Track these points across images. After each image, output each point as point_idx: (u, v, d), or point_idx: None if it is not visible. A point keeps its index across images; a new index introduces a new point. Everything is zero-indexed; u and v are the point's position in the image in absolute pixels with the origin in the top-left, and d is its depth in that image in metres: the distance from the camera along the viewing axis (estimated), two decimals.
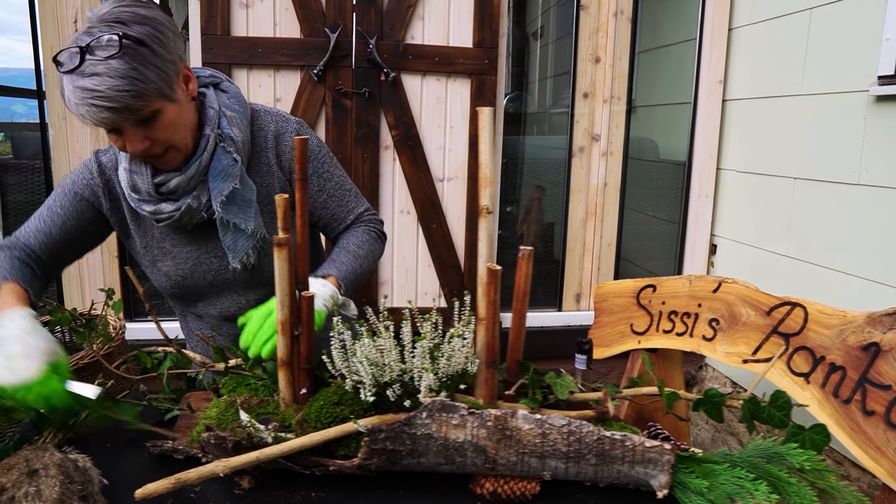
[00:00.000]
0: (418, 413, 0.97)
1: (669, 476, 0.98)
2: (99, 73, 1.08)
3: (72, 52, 1.09)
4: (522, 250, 1.02)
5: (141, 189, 1.29)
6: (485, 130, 1.04)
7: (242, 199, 1.33)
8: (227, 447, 1.01)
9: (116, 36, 1.09)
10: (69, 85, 1.10)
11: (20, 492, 0.95)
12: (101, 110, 1.10)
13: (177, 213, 1.30)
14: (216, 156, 1.30)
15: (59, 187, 1.37)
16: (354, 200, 1.50)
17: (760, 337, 1.89)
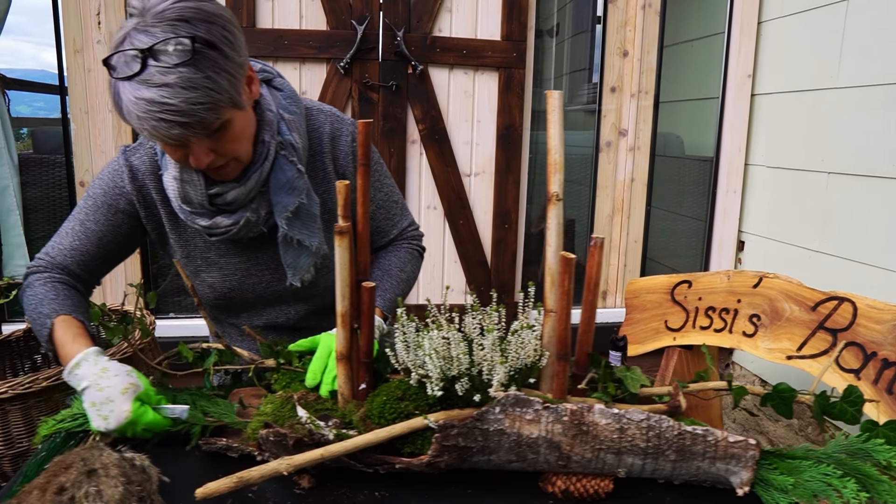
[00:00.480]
0: (491, 408, 0.93)
1: (752, 473, 0.94)
2: (170, 83, 0.95)
3: (129, 56, 0.97)
4: (594, 239, 0.98)
5: (193, 201, 1.16)
6: (554, 115, 1.00)
7: (307, 213, 1.22)
8: (288, 444, 0.97)
9: (188, 39, 0.96)
10: (129, 94, 0.97)
11: (80, 492, 0.91)
12: (172, 126, 0.98)
13: (234, 228, 1.19)
14: (278, 166, 1.18)
15: (88, 199, 1.24)
16: (400, 213, 1.42)
17: (805, 332, 1.85)
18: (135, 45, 0.96)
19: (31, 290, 1.19)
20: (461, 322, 1.02)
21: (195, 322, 2.81)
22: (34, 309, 1.16)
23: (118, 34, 0.99)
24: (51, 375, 1.73)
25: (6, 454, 1.77)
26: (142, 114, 0.97)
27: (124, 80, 0.97)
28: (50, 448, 1.13)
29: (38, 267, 1.23)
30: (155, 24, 0.97)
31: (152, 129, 0.99)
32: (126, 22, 1.00)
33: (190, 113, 0.98)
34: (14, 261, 2.62)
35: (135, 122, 0.99)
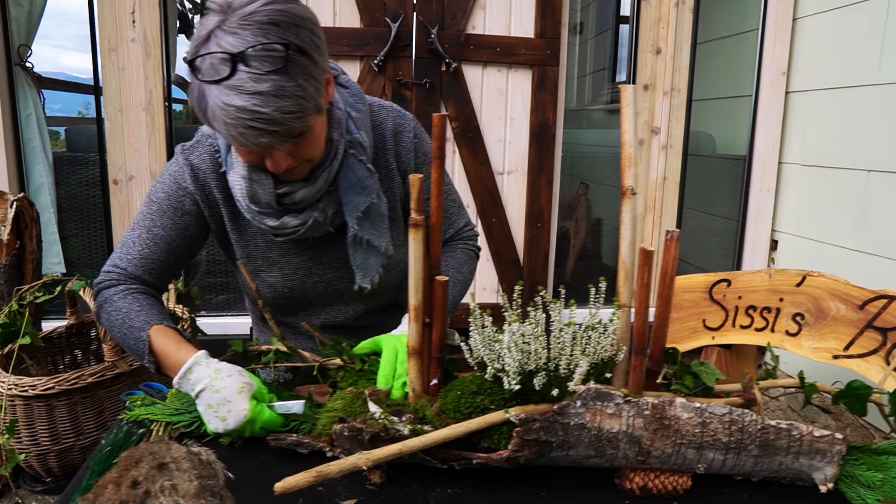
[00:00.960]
0: (572, 402, 0.91)
1: (838, 468, 0.92)
2: (262, 91, 0.92)
3: (217, 59, 0.93)
4: (670, 233, 0.96)
5: (262, 200, 1.13)
6: (627, 108, 0.99)
7: (377, 214, 1.20)
8: (363, 439, 0.95)
9: (281, 46, 0.93)
10: (216, 99, 0.94)
11: (155, 486, 0.90)
12: (261, 134, 0.95)
13: (302, 228, 1.16)
14: (347, 165, 1.16)
15: (151, 204, 1.20)
16: (457, 213, 1.40)
17: (853, 332, 1.83)
18: (223, 48, 0.93)
19: (111, 305, 1.16)
20: (535, 316, 1.01)
21: (227, 320, 2.81)
22: (122, 324, 1.13)
23: (200, 31, 0.96)
24: (96, 372, 1.74)
25: (52, 450, 1.77)
26: (230, 120, 0.94)
27: (212, 83, 0.94)
28: (114, 443, 1.13)
29: (109, 280, 1.19)
30: (244, 27, 0.93)
31: (239, 136, 0.96)
32: (206, 19, 0.96)
33: (280, 122, 0.95)
34: (48, 258, 2.63)
35: (220, 126, 0.97)
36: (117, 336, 1.16)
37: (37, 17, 2.60)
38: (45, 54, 3.02)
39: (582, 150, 3.17)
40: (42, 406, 1.73)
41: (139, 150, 2.61)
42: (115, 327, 1.15)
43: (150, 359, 1.11)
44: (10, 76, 2.54)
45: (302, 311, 1.36)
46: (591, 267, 3.07)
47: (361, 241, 1.21)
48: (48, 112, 2.73)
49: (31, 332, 1.73)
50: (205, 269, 2.90)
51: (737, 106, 3.02)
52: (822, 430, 0.92)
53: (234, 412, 1.01)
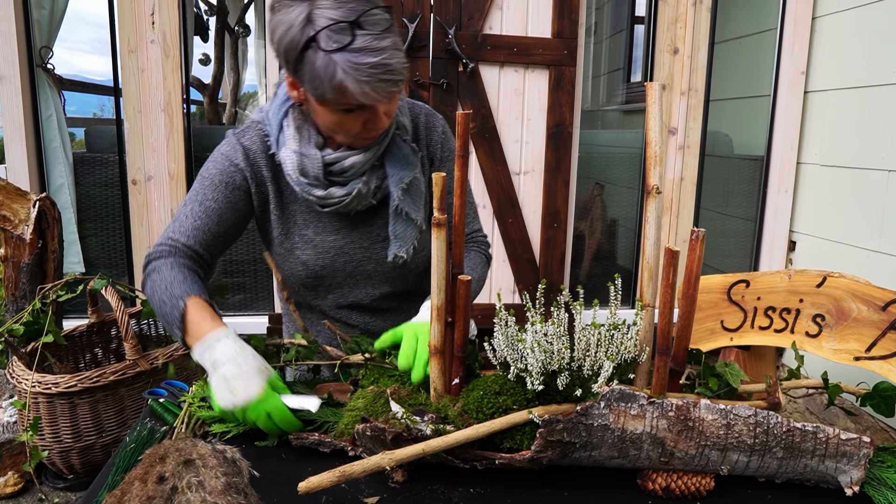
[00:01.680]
0: (596, 402, 0.91)
1: (864, 472, 0.92)
2: (385, 47, 1.06)
3: (333, 31, 1.04)
4: (695, 232, 0.96)
5: (310, 173, 1.24)
6: (654, 107, 0.99)
7: (416, 189, 1.31)
8: (385, 439, 0.96)
9: (384, 10, 1.08)
10: (345, 63, 1.05)
11: (182, 482, 0.91)
12: (390, 84, 1.09)
13: (346, 199, 1.25)
14: (394, 143, 1.28)
15: (204, 180, 1.28)
16: (472, 217, 1.47)
17: (875, 333, 1.81)
18: (336, 20, 1.04)
19: (159, 273, 1.21)
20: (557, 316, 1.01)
21: (243, 320, 2.83)
22: (164, 290, 1.18)
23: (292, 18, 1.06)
24: (117, 370, 1.75)
25: (74, 447, 1.79)
26: (364, 78, 1.06)
27: (338, 51, 1.05)
28: (137, 440, 1.14)
29: (161, 252, 1.25)
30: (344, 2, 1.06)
31: (373, 91, 1.08)
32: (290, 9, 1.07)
33: (402, 72, 1.10)
34: (68, 258, 2.66)
35: (353, 86, 1.06)
36: (155, 302, 1.19)
37: (58, 19, 2.63)
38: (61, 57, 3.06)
39: (597, 151, 3.16)
40: (65, 404, 1.75)
41: (158, 151, 2.63)
42: (157, 293, 1.19)
43: (180, 325, 1.14)
44: (32, 78, 2.57)
45: (330, 293, 1.41)
46: (607, 268, 3.06)
47: (402, 212, 1.30)
48: (67, 113, 2.76)
49: (53, 330, 1.75)
50: (221, 269, 2.92)
51: (755, 106, 3.00)
52: (849, 433, 0.92)
53: (246, 388, 1.04)
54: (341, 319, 1.43)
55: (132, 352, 1.74)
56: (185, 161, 2.66)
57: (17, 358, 1.79)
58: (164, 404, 1.22)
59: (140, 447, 1.12)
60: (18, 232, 2.02)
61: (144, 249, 2.71)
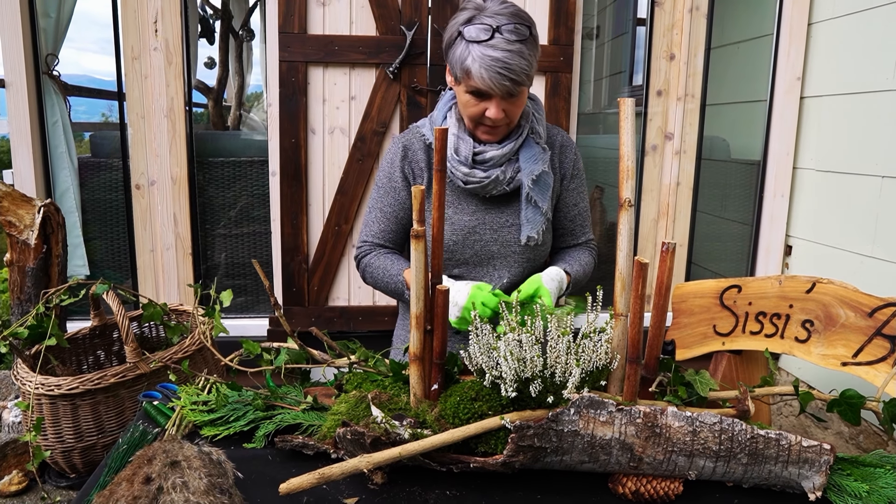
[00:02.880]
0: (566, 409, 0.95)
1: (826, 478, 0.95)
2: (512, 50, 1.35)
3: (481, 28, 1.36)
4: (666, 244, 0.99)
5: (462, 153, 1.52)
6: (626, 122, 1.02)
7: (544, 182, 1.56)
8: (365, 443, 1.00)
9: (527, 27, 1.39)
10: (479, 53, 1.36)
11: (167, 482, 0.95)
12: (504, 79, 1.36)
13: (486, 181, 1.52)
14: (528, 143, 1.55)
15: (378, 189, 1.64)
16: (589, 227, 1.73)
17: (862, 339, 1.83)
18: (486, 24, 1.37)
19: (372, 266, 1.62)
20: (532, 324, 1.04)
21: (245, 322, 2.87)
22: (385, 273, 1.59)
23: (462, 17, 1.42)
24: (118, 372, 1.80)
25: (76, 447, 1.84)
26: (486, 66, 1.36)
27: (475, 42, 1.37)
28: (130, 441, 1.18)
29: (364, 251, 1.65)
30: (498, 14, 1.38)
31: (489, 79, 1.37)
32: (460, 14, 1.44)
33: (518, 73, 1.37)
34: (73, 261, 2.71)
35: (476, 70, 1.37)
36: (381, 286, 1.62)
37: (64, 26, 2.68)
38: (70, 58, 3.11)
39: (597, 154, 3.18)
40: (67, 405, 1.79)
41: (161, 156, 2.68)
42: (379, 279, 1.61)
43: (407, 292, 1.53)
44: (38, 84, 2.62)
45: (456, 266, 1.63)
46: (606, 271, 3.08)
47: (531, 199, 1.55)
48: (74, 115, 2.82)
49: (56, 333, 1.79)
50: (224, 271, 2.97)
51: (751, 111, 3.02)
52: (810, 440, 0.95)
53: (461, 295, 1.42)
54: None
55: (132, 355, 1.78)
56: (187, 166, 2.70)
57: (21, 360, 1.84)
58: (157, 407, 1.26)
59: (132, 448, 1.16)
60: (23, 237, 2.07)
61: (147, 252, 2.76)
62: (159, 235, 2.75)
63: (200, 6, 4.34)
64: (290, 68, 2.56)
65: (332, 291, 2.77)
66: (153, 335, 2.22)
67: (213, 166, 2.85)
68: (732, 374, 2.25)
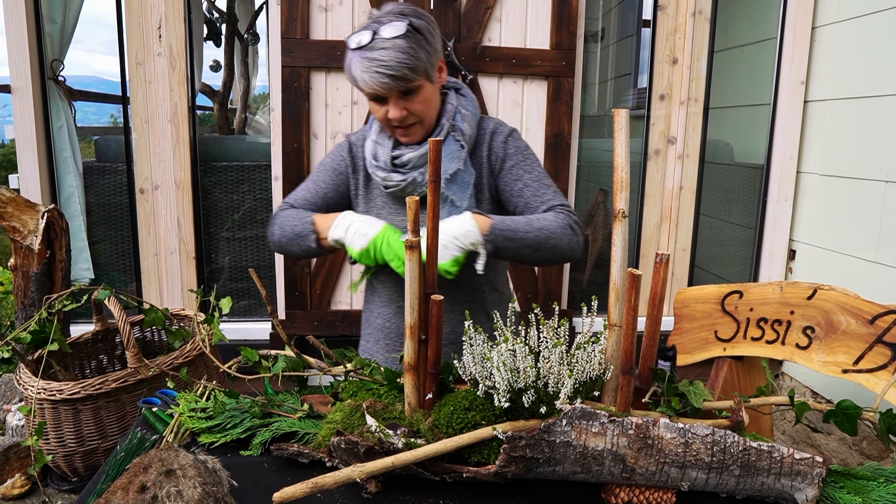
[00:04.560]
0: (558, 420, 0.95)
1: (818, 490, 0.95)
2: (387, 47, 1.33)
3: (362, 34, 1.36)
4: (660, 255, 0.99)
5: (380, 157, 1.51)
6: (621, 133, 1.02)
7: (462, 180, 1.51)
8: (359, 452, 1.00)
9: (403, 22, 1.35)
10: (357, 58, 1.36)
11: (162, 491, 0.96)
12: (384, 76, 1.34)
13: (403, 183, 1.49)
14: (447, 141, 1.51)
15: (320, 166, 1.63)
16: (551, 195, 1.54)
17: (863, 346, 1.82)
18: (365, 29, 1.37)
19: (281, 216, 1.56)
20: (527, 334, 1.04)
21: (248, 325, 2.89)
22: (292, 220, 1.52)
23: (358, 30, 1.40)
24: (119, 377, 1.81)
25: (77, 451, 1.85)
26: (364, 69, 1.35)
27: (356, 49, 1.36)
28: (127, 449, 1.19)
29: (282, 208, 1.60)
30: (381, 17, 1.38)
31: (370, 80, 1.35)
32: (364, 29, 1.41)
33: (396, 68, 1.34)
34: (78, 264, 2.73)
35: (358, 76, 1.37)
36: (287, 232, 1.52)
37: (69, 32, 2.70)
38: (79, 59, 3.13)
39: (602, 158, 3.18)
40: (68, 409, 1.81)
41: (164, 161, 2.69)
42: (287, 225, 1.52)
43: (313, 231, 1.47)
44: (44, 90, 2.64)
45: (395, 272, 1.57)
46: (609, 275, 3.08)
47: (447, 198, 1.50)
48: (83, 117, 2.84)
49: (59, 338, 1.80)
50: (227, 275, 2.98)
51: (755, 114, 3.01)
52: (803, 452, 0.94)
53: (372, 227, 1.37)
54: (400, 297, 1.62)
55: (133, 360, 1.79)
56: (190, 170, 2.72)
57: (23, 365, 1.85)
58: (156, 413, 1.27)
59: (130, 455, 1.16)
60: (27, 242, 2.09)
61: (152, 256, 2.78)
62: (163, 239, 2.77)
63: (207, 9, 4.36)
64: (293, 73, 2.57)
65: (335, 295, 2.78)
66: (155, 339, 2.24)
67: (216, 170, 2.87)
68: (734, 381, 2.25)
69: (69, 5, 2.67)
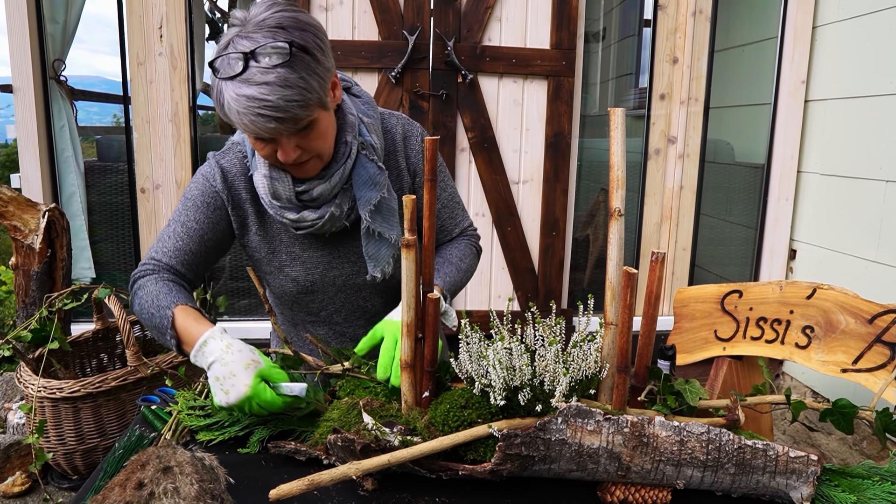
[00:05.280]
0: (553, 418, 0.95)
1: (813, 488, 0.95)
2: (269, 81, 1.04)
3: (232, 58, 1.06)
4: (656, 254, 0.99)
5: (282, 196, 1.24)
6: (617, 131, 1.02)
7: (388, 208, 1.30)
8: (355, 450, 1.00)
9: (286, 43, 1.05)
10: (231, 92, 1.06)
11: (159, 488, 0.96)
12: (269, 120, 1.07)
13: (320, 222, 1.26)
14: (360, 163, 1.27)
15: (186, 201, 1.30)
16: (461, 214, 1.48)
17: (862, 346, 1.83)
18: (238, 49, 1.06)
19: (144, 290, 1.23)
20: (523, 333, 1.05)
21: (249, 325, 2.89)
22: (151, 304, 1.20)
23: (222, 41, 1.10)
24: (119, 376, 1.82)
25: (78, 449, 1.86)
26: (242, 109, 1.06)
27: (227, 79, 1.06)
28: (126, 446, 1.19)
29: (145, 271, 1.28)
30: (256, 31, 1.07)
31: (250, 124, 1.08)
32: (229, 30, 1.11)
33: (285, 109, 1.06)
34: (80, 263, 2.74)
35: (234, 117, 1.08)
36: (146, 317, 1.22)
37: (71, 32, 2.71)
38: (82, 59, 3.14)
39: (603, 157, 3.18)
40: (69, 408, 1.81)
41: (165, 160, 2.70)
42: (145, 309, 1.22)
43: (172, 333, 1.16)
44: (45, 90, 2.65)
45: (323, 310, 1.43)
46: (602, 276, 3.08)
47: (374, 232, 1.30)
48: (86, 116, 2.85)
49: (59, 337, 1.81)
50: (228, 274, 2.99)
51: (756, 114, 3.01)
52: (798, 451, 0.95)
53: (236, 386, 1.06)
54: (337, 332, 1.46)
55: (133, 358, 1.80)
56: (191, 170, 2.73)
57: (24, 363, 1.86)
58: (155, 411, 1.27)
59: (128, 453, 1.17)
60: (28, 241, 2.10)
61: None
62: None
63: (208, 9, 4.37)
64: None
65: None
66: None
67: None
68: (733, 380, 2.25)
69: (71, 5, 2.68)
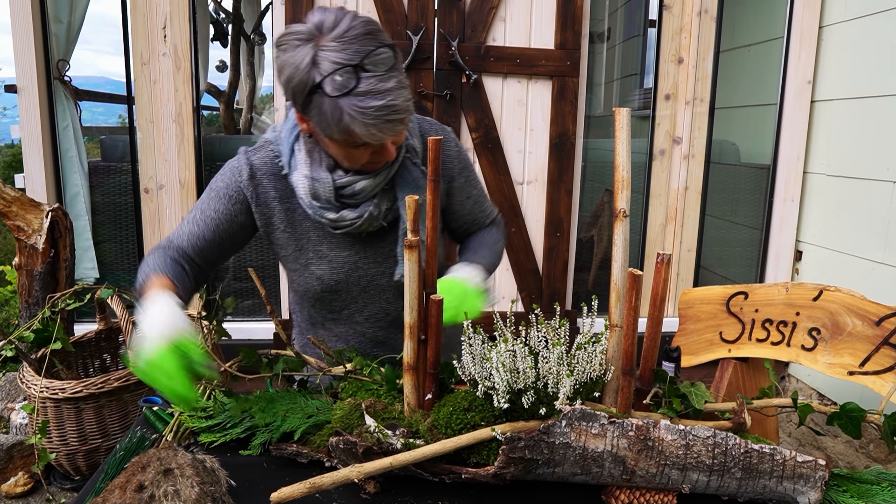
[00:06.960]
0: (557, 421, 0.94)
1: (821, 494, 0.93)
2: (390, 88, 1.06)
3: (338, 75, 1.05)
4: (661, 255, 0.98)
5: (321, 197, 1.25)
6: (622, 132, 1.01)
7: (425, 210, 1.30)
8: (357, 452, 1.00)
9: (388, 48, 1.08)
10: (353, 107, 1.06)
11: (159, 490, 0.95)
12: (396, 124, 1.09)
13: (358, 221, 1.27)
14: (404, 166, 1.29)
15: (210, 191, 1.33)
16: (489, 205, 1.52)
17: (869, 348, 1.81)
18: (342, 63, 1.05)
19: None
20: (527, 335, 1.03)
21: (252, 325, 2.89)
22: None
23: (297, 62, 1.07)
24: (121, 376, 1.81)
25: (80, 450, 1.86)
26: (370, 121, 1.07)
27: (344, 95, 1.06)
28: (127, 447, 1.19)
29: (157, 246, 1.31)
30: (348, 43, 1.06)
31: (379, 132, 1.09)
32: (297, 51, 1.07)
33: (405, 109, 1.10)
34: (83, 263, 2.74)
35: (360, 129, 1.08)
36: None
37: (75, 32, 2.71)
38: (87, 59, 3.14)
39: (608, 158, 3.17)
40: (71, 408, 1.81)
41: (169, 160, 2.70)
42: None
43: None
44: (50, 90, 2.65)
45: (345, 308, 1.43)
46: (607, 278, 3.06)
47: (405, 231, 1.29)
48: (92, 117, 2.85)
49: (62, 337, 1.81)
50: (232, 274, 2.99)
51: (762, 114, 2.99)
52: (805, 455, 0.93)
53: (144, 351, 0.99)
54: (357, 332, 1.45)
55: None
56: (195, 170, 2.72)
57: (27, 364, 1.86)
58: (157, 412, 1.27)
59: (129, 454, 1.16)
60: (32, 241, 2.10)
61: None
62: None
63: (213, 10, 4.37)
64: None
65: None
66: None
67: None
68: (739, 382, 2.23)
69: (75, 5, 2.68)
